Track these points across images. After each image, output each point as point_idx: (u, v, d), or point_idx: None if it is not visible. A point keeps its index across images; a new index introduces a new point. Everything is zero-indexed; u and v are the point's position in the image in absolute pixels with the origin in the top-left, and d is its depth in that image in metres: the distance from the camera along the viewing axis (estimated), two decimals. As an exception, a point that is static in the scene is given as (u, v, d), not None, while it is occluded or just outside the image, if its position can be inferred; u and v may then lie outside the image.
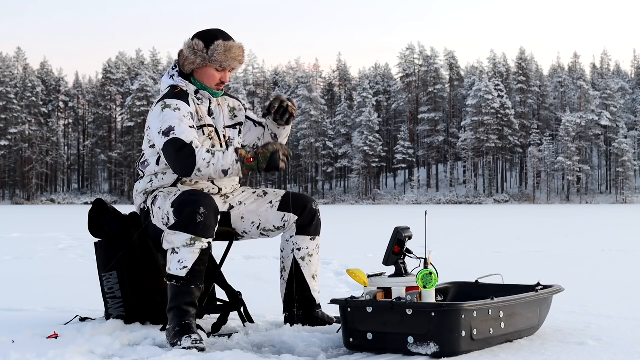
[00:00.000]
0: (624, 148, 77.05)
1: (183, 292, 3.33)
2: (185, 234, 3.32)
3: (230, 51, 3.59)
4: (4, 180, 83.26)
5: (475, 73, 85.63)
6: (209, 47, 3.57)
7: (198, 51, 3.57)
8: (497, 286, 3.64)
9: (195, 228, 3.31)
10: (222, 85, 3.67)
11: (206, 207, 3.33)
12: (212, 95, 3.67)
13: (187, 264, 3.33)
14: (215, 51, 3.56)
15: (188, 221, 3.32)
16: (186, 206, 3.33)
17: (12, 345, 3.27)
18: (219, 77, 3.63)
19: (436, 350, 2.95)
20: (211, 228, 3.36)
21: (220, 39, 3.59)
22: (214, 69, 3.60)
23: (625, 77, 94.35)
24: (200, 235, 3.32)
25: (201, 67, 3.61)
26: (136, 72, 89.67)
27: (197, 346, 3.16)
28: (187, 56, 3.61)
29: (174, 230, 3.35)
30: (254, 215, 3.73)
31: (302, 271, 3.71)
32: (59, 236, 12.92)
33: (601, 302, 4.58)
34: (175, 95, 3.57)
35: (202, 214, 3.32)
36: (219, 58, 3.57)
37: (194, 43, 3.59)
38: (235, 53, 3.61)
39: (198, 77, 3.63)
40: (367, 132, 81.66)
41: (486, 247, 9.96)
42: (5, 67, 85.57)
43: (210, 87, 3.65)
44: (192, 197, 3.37)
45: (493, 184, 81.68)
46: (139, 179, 3.71)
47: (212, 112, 3.69)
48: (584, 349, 3.14)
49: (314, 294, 3.73)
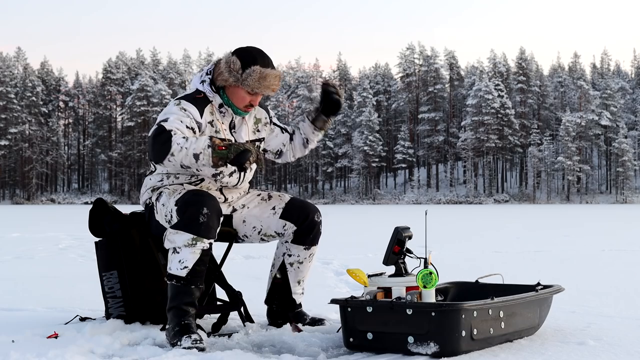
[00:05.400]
0: (624, 148, 77.07)
1: (183, 292, 3.33)
2: (187, 234, 3.32)
3: (265, 79, 3.51)
4: (4, 180, 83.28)
5: (475, 73, 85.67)
6: (245, 69, 3.49)
7: (233, 70, 3.50)
8: (497, 286, 3.64)
9: (197, 228, 3.31)
10: (251, 107, 3.62)
11: (209, 207, 3.33)
12: (235, 113, 3.62)
13: (187, 264, 3.32)
14: (250, 76, 3.49)
15: (190, 221, 3.31)
16: (189, 206, 3.33)
17: (12, 345, 3.27)
18: (248, 100, 3.57)
19: (436, 350, 2.95)
20: (213, 229, 3.36)
21: (258, 64, 3.50)
22: (246, 91, 3.54)
23: (625, 77, 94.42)
24: (202, 235, 3.32)
25: (233, 86, 3.54)
26: (136, 72, 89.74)
27: (197, 346, 3.16)
28: (222, 71, 3.53)
29: (176, 229, 3.34)
30: (255, 220, 3.74)
31: (288, 275, 3.78)
32: (59, 236, 12.91)
33: (601, 302, 4.57)
34: (194, 100, 3.54)
35: (205, 214, 3.31)
36: (251, 83, 3.49)
37: (232, 60, 3.52)
38: (269, 81, 3.52)
39: (228, 94, 3.57)
40: (367, 132, 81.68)
41: (486, 247, 9.95)
42: (5, 67, 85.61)
43: (238, 107, 3.59)
44: (196, 197, 3.36)
45: (493, 183, 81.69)
46: (149, 174, 3.69)
47: (235, 126, 3.65)
48: (584, 349, 3.14)
49: (295, 295, 3.79)
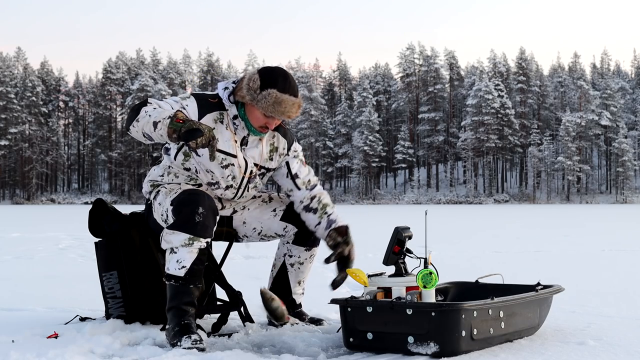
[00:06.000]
0: (624, 148, 77.05)
1: (182, 292, 3.33)
2: (184, 234, 3.31)
3: (280, 104, 3.39)
4: (4, 180, 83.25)
5: (475, 73, 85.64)
6: (262, 91, 3.39)
7: (251, 89, 3.41)
8: (497, 286, 3.64)
9: (193, 228, 3.30)
10: (266, 129, 3.50)
11: (205, 207, 3.32)
12: (249, 130, 3.51)
13: (185, 263, 3.32)
14: (265, 98, 3.38)
15: (186, 221, 3.31)
16: (185, 206, 3.33)
17: (12, 345, 3.26)
18: (264, 121, 3.47)
19: (436, 350, 2.95)
20: (210, 228, 3.36)
21: (276, 87, 3.39)
22: (261, 112, 3.44)
23: (625, 77, 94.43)
24: (199, 235, 3.32)
25: (249, 104, 3.46)
26: (136, 72, 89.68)
27: (197, 346, 3.15)
28: (242, 86, 3.45)
29: (172, 229, 3.34)
30: (255, 222, 3.73)
31: (288, 276, 3.79)
32: (59, 236, 12.91)
33: (601, 302, 4.57)
34: (204, 101, 3.48)
35: (200, 213, 3.31)
36: (265, 106, 3.39)
37: (253, 79, 3.42)
38: (284, 107, 3.40)
39: (246, 110, 3.48)
40: (367, 132, 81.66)
41: (486, 247, 9.95)
42: (5, 67, 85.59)
43: (253, 126, 3.49)
44: (192, 196, 3.36)
45: (493, 183, 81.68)
46: (157, 163, 3.69)
47: (247, 143, 3.55)
48: (584, 349, 3.14)
49: (295, 296, 3.82)
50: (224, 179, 3.54)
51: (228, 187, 3.59)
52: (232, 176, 3.55)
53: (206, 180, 3.56)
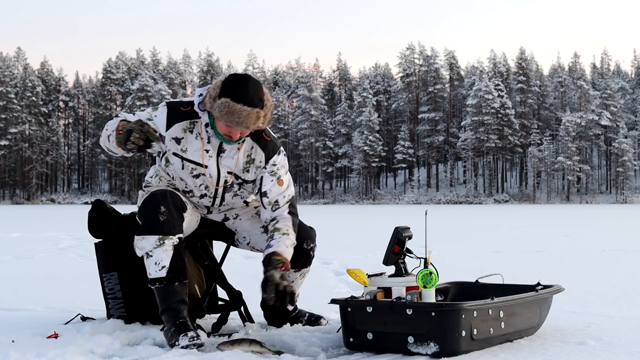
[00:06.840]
0: (624, 148, 77.07)
1: (169, 292, 3.31)
2: (152, 236, 3.29)
3: (233, 114, 3.20)
4: (4, 180, 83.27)
5: (475, 73, 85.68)
6: (218, 99, 3.23)
7: (211, 97, 3.26)
8: (497, 286, 3.65)
9: (160, 228, 3.28)
10: (231, 139, 3.32)
11: (165, 204, 3.30)
12: (217, 138, 3.37)
13: (164, 263, 3.30)
14: (219, 107, 3.22)
15: (151, 223, 3.29)
16: (145, 207, 3.32)
17: (12, 345, 3.26)
18: (226, 131, 3.30)
19: (436, 350, 2.95)
20: (176, 224, 3.32)
21: (230, 97, 3.21)
22: (222, 122, 3.28)
23: (625, 77, 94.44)
24: (167, 233, 3.29)
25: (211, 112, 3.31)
26: (136, 72, 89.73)
27: (195, 343, 3.15)
28: (208, 93, 3.30)
29: (141, 235, 3.32)
30: (245, 232, 3.69)
31: None
32: (59, 236, 12.92)
33: (601, 302, 4.58)
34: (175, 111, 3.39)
35: (163, 212, 3.29)
36: (220, 115, 3.23)
37: (216, 86, 3.28)
38: (238, 118, 3.21)
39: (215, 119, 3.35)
40: (367, 132, 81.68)
41: (486, 247, 9.96)
42: (5, 67, 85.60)
43: (221, 135, 3.34)
44: (152, 196, 3.34)
45: (493, 183, 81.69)
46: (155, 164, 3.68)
47: (223, 151, 3.41)
48: (584, 349, 3.14)
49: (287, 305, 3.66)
50: (196, 188, 3.49)
51: (203, 196, 3.53)
52: (205, 185, 3.48)
53: (181, 187, 3.53)
